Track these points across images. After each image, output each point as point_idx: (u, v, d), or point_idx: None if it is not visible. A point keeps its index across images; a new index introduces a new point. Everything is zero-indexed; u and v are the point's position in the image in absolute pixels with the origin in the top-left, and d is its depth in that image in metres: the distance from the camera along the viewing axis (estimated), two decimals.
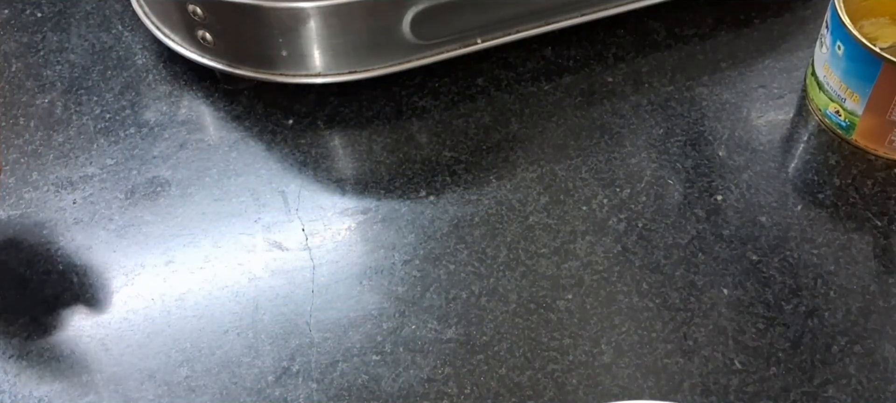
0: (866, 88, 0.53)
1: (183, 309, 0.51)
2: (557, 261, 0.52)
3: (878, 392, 0.46)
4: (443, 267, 0.52)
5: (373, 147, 0.58)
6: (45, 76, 0.63)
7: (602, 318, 0.49)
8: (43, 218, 0.55)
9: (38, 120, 0.60)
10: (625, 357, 0.48)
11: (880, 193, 0.55)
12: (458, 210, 0.54)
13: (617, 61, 0.62)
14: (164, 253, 0.53)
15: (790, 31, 0.64)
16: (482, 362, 0.48)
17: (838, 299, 0.50)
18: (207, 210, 0.55)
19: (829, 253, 0.52)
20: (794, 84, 0.61)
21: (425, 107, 0.60)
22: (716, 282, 0.51)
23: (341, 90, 0.61)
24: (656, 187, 0.55)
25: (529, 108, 0.60)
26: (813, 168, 0.56)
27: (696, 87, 0.61)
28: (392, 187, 0.56)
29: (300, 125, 0.59)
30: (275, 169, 0.57)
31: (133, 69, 0.63)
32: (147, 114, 0.60)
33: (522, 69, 0.62)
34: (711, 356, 0.48)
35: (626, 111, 0.59)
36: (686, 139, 0.58)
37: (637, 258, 0.52)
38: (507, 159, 0.57)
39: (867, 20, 0.59)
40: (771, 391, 0.46)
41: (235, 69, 0.58)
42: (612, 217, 0.54)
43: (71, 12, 0.67)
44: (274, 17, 0.55)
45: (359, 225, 0.54)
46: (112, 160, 0.58)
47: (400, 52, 0.58)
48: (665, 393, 0.46)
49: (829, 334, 0.48)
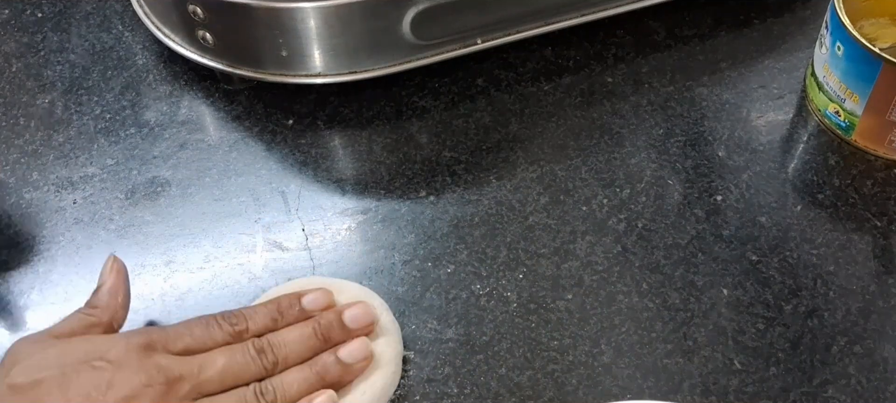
0: (866, 89, 0.53)
1: (183, 309, 0.51)
2: (557, 261, 0.52)
3: (878, 392, 0.46)
4: (443, 267, 0.52)
5: (373, 147, 0.58)
6: (45, 76, 0.63)
7: (602, 318, 0.49)
8: (43, 218, 0.55)
9: (38, 120, 0.60)
10: (625, 357, 0.48)
11: (880, 193, 0.55)
12: (458, 210, 0.54)
13: (617, 61, 0.62)
14: (164, 253, 0.53)
15: (790, 31, 0.64)
16: (482, 362, 0.48)
17: (838, 299, 0.50)
18: (207, 210, 0.55)
19: (828, 253, 0.52)
20: (794, 84, 0.61)
21: (425, 107, 0.60)
22: (716, 282, 0.51)
23: (341, 90, 0.61)
24: (656, 187, 0.55)
25: (529, 108, 0.60)
26: (813, 168, 0.56)
27: (696, 87, 0.61)
28: (392, 187, 0.56)
29: (300, 125, 0.59)
30: (275, 169, 0.57)
31: (133, 69, 0.63)
32: (147, 115, 0.60)
33: (522, 69, 0.62)
34: (711, 356, 0.48)
35: (626, 111, 0.59)
36: (686, 139, 0.58)
37: (637, 258, 0.52)
38: (507, 159, 0.57)
39: (867, 20, 0.59)
40: (771, 391, 0.46)
41: (235, 69, 0.58)
42: (612, 217, 0.54)
43: (71, 12, 0.67)
44: (274, 17, 0.55)
45: (359, 225, 0.54)
46: (112, 160, 0.58)
47: (400, 52, 0.58)
48: (665, 393, 0.46)
49: (829, 334, 0.49)
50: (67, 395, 0.39)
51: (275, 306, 0.46)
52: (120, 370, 0.40)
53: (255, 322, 0.45)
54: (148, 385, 0.40)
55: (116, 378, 0.40)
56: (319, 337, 0.45)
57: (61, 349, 0.41)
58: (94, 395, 0.39)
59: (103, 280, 0.45)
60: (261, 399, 0.42)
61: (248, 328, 0.44)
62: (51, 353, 0.41)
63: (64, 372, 0.40)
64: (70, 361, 0.40)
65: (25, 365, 0.40)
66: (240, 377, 0.43)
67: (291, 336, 0.45)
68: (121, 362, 0.40)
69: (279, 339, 0.44)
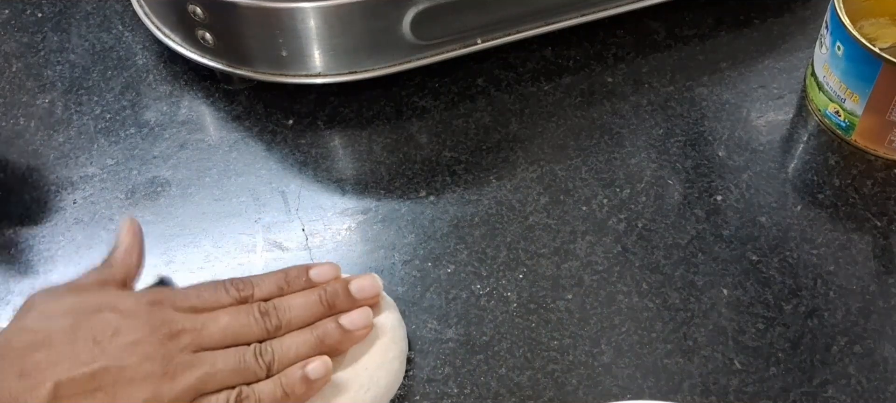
0: (866, 88, 0.53)
1: None
2: (557, 261, 0.52)
3: (878, 392, 0.46)
4: (443, 267, 0.52)
5: (373, 147, 0.58)
6: (45, 76, 0.63)
7: (602, 318, 0.49)
8: (43, 218, 0.55)
9: (38, 120, 0.60)
10: (625, 357, 0.48)
11: (880, 193, 0.55)
12: (458, 210, 0.54)
13: (617, 61, 0.62)
14: (164, 253, 0.53)
15: (790, 31, 0.64)
16: (482, 362, 0.48)
17: (838, 299, 0.50)
18: (207, 210, 0.55)
19: (828, 253, 0.52)
20: (794, 84, 0.61)
21: (425, 107, 0.60)
22: (716, 282, 0.51)
23: (341, 90, 0.61)
24: (656, 187, 0.55)
25: (529, 108, 0.60)
26: (813, 168, 0.56)
27: (696, 87, 0.61)
28: (392, 187, 0.56)
29: (300, 125, 0.59)
30: (275, 169, 0.57)
31: (133, 69, 0.63)
32: (147, 115, 0.60)
33: (522, 69, 0.62)
34: (711, 356, 0.48)
35: (626, 111, 0.59)
36: (686, 139, 0.58)
37: (637, 258, 0.52)
38: (507, 159, 0.57)
39: (867, 20, 0.59)
40: (771, 391, 0.47)
41: (235, 69, 0.58)
42: (612, 217, 0.54)
43: (71, 12, 0.67)
44: (274, 17, 0.55)
45: (359, 225, 0.54)
46: (112, 160, 0.58)
47: (400, 52, 0.58)
48: (665, 393, 0.46)
49: (829, 334, 0.49)
50: (75, 338, 0.41)
51: (283, 275, 0.47)
52: (127, 318, 0.42)
53: (262, 289, 0.46)
54: (151, 334, 0.42)
55: (123, 325, 0.42)
56: (324, 304, 0.46)
57: (75, 299, 0.44)
58: (100, 339, 0.41)
59: (119, 240, 0.48)
60: (259, 358, 0.43)
61: (255, 294, 0.46)
62: (65, 302, 0.43)
63: (75, 319, 0.42)
64: (82, 310, 0.43)
65: (41, 311, 0.43)
66: (241, 336, 0.44)
67: (296, 301, 0.46)
68: (129, 312, 0.43)
69: (284, 304, 0.45)
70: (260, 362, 0.43)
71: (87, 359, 0.40)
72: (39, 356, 0.40)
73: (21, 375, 0.40)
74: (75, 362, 0.40)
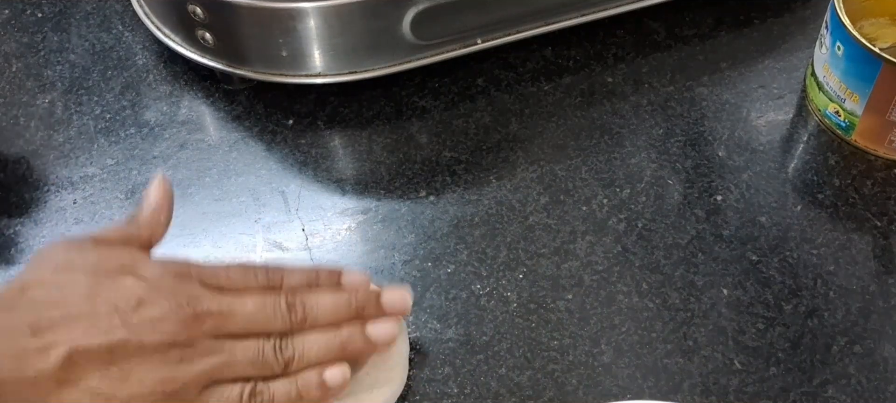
0: (866, 88, 0.53)
1: None
2: (557, 261, 0.52)
3: (878, 392, 0.46)
4: (443, 267, 0.52)
5: (373, 147, 0.58)
6: (45, 76, 0.63)
7: (602, 318, 0.49)
8: (43, 218, 0.55)
9: (38, 120, 0.60)
10: (625, 357, 0.48)
11: (880, 193, 0.55)
12: (458, 210, 0.54)
13: (617, 61, 0.62)
14: (164, 254, 0.53)
15: (790, 31, 0.64)
16: (482, 362, 0.48)
17: (838, 299, 0.50)
18: (207, 210, 0.55)
19: (828, 253, 0.52)
20: (794, 84, 0.61)
21: (425, 107, 0.60)
22: (716, 282, 0.51)
23: (341, 90, 0.61)
24: (656, 187, 0.55)
25: (529, 108, 0.60)
26: (813, 168, 0.56)
27: (696, 87, 0.61)
28: (392, 187, 0.56)
29: (300, 125, 0.59)
30: (275, 169, 0.57)
31: (133, 69, 0.63)
32: (147, 115, 0.60)
33: (522, 69, 0.62)
34: (711, 356, 0.48)
35: (626, 111, 0.59)
36: (686, 139, 0.58)
37: (637, 258, 0.52)
38: (507, 159, 0.57)
39: (867, 20, 0.59)
40: (771, 391, 0.47)
41: (235, 69, 0.58)
42: (612, 217, 0.54)
43: (71, 12, 0.67)
44: (274, 17, 0.55)
45: (359, 225, 0.54)
46: (112, 160, 0.58)
47: (400, 52, 0.58)
48: (665, 393, 0.46)
49: (829, 334, 0.49)
50: (95, 300, 0.39)
51: (315, 272, 0.45)
52: (151, 290, 0.40)
53: (291, 280, 0.45)
54: (175, 311, 0.40)
55: (147, 296, 0.40)
56: (353, 308, 0.44)
57: (99, 254, 0.41)
58: (121, 307, 0.39)
59: (148, 197, 0.45)
60: (278, 354, 0.42)
61: (284, 283, 0.44)
62: (89, 256, 0.41)
63: (97, 278, 0.40)
64: (105, 268, 0.40)
65: (60, 263, 0.40)
66: (265, 326, 0.42)
67: (325, 299, 0.44)
68: (154, 282, 0.40)
69: (312, 300, 0.44)
70: (278, 357, 0.42)
71: (106, 328, 0.38)
72: (55, 313, 0.38)
73: (34, 331, 0.38)
74: (93, 329, 0.38)
